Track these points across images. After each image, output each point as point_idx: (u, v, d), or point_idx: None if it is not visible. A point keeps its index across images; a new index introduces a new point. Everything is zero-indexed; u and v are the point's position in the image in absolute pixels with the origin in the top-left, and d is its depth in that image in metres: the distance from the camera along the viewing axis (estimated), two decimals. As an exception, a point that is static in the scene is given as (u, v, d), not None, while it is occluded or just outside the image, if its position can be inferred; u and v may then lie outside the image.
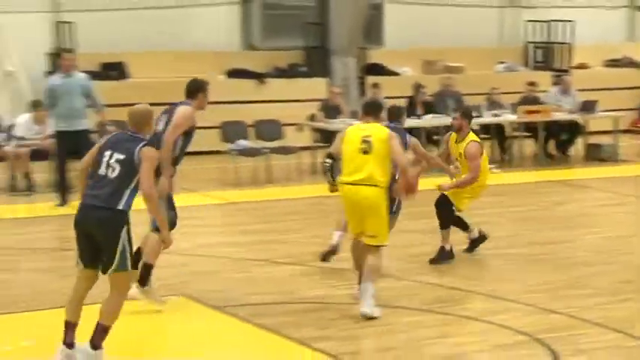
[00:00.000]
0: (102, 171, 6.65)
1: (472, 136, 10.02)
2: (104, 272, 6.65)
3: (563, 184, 15.22)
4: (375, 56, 19.53)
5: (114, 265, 6.57)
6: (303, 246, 10.64)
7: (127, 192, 6.62)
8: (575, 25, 20.16)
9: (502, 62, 20.41)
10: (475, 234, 10.36)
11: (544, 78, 19.25)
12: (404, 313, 8.55)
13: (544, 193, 14.55)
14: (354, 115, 16.26)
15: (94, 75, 14.88)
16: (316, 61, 18.76)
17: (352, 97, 18.06)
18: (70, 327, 6.66)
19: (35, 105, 14.50)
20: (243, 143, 14.83)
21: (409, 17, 19.85)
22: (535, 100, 17.15)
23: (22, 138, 14.23)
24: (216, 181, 14.71)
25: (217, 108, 17.05)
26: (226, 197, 13.77)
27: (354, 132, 8.22)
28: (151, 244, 8.11)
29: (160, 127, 8.11)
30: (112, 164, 6.62)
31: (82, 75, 13.25)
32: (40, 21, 17.39)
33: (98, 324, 6.62)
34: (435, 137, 16.34)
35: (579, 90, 17.87)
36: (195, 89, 8.35)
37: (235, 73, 18.31)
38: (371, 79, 18.01)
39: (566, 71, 19.48)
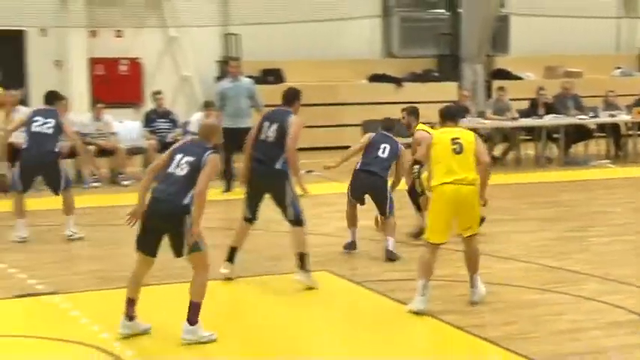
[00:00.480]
0: (172, 169, 6.61)
1: (420, 126, 9.70)
2: (178, 256, 6.57)
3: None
4: (501, 63, 19.17)
5: (186, 248, 6.50)
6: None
7: (192, 190, 6.53)
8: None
9: (619, 68, 19.67)
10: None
11: (658, 82, 18.47)
12: (525, 292, 8.34)
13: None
14: (480, 115, 16.04)
15: (255, 80, 15.07)
16: (448, 68, 18.58)
17: (479, 99, 17.80)
18: (130, 303, 6.63)
19: (206, 105, 14.81)
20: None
21: (533, 27, 19.41)
22: (649, 102, 16.46)
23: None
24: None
25: (360, 108, 17.18)
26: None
27: (441, 136, 7.67)
28: (297, 236, 8.24)
29: (270, 134, 8.17)
30: (181, 164, 6.58)
31: (248, 80, 13.44)
32: (211, 33, 17.75)
33: (190, 302, 6.55)
34: (555, 135, 15.93)
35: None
36: (294, 97, 8.38)
37: (376, 78, 18.29)
38: (497, 84, 17.66)
39: (678, 76, 18.64)
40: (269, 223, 9.34)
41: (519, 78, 18.87)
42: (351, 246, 9.62)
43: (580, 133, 16.04)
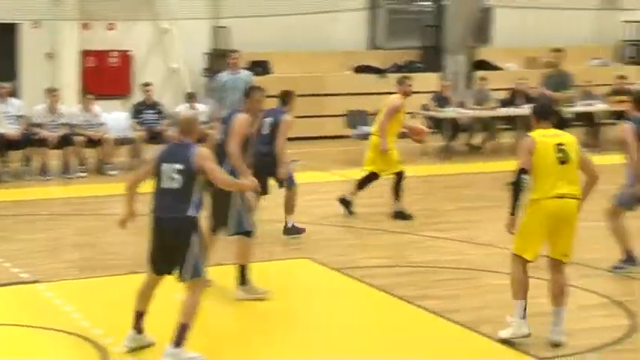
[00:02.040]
0: (165, 184, 5.98)
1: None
2: (182, 280, 6.01)
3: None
4: (483, 54, 19.11)
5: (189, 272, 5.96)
6: (414, 217, 10.48)
7: (192, 199, 5.98)
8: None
9: (596, 58, 19.65)
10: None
11: (635, 72, 18.44)
12: (497, 277, 8.33)
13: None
14: (461, 105, 16.06)
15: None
16: (431, 59, 18.52)
17: (460, 89, 17.79)
18: (139, 316, 6.19)
19: (190, 97, 14.72)
20: (364, 129, 14.71)
21: (515, 19, 19.36)
22: (624, 92, 16.41)
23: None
24: (341, 161, 14.63)
25: (345, 99, 17.14)
26: (349, 175, 13.69)
27: (545, 142, 6.48)
28: (240, 248, 7.41)
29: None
30: (173, 176, 5.95)
31: (247, 72, 13.34)
32: (201, 26, 17.65)
33: (179, 323, 5.95)
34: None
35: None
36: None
37: (361, 69, 18.24)
38: (479, 74, 17.64)
39: (655, 66, 18.64)
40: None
41: (500, 69, 18.84)
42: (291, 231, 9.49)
43: (557, 123, 15.98)
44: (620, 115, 16.20)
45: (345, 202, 10.53)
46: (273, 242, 8.69)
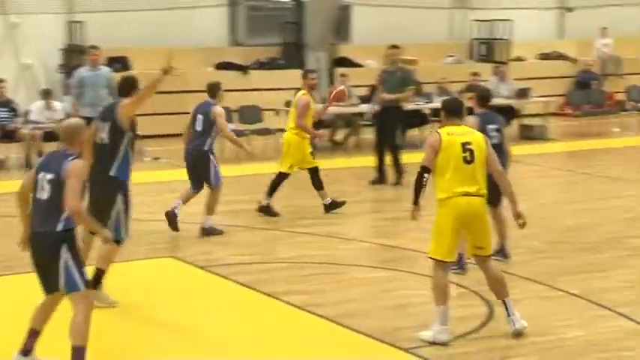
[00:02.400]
0: (37, 193, 5.65)
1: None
2: (50, 292, 5.68)
3: (501, 159, 15.18)
4: (344, 51, 19.40)
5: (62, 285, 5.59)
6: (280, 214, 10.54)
7: (63, 213, 5.57)
8: (513, 24, 20.06)
9: (451, 56, 20.31)
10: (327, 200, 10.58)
11: (486, 69, 19.15)
12: (363, 271, 8.51)
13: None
14: (323, 101, 16.21)
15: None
16: (292, 55, 18.62)
17: (322, 85, 17.97)
18: (32, 334, 5.75)
19: (45, 93, 14.27)
20: (229, 125, 14.62)
21: (373, 17, 19.73)
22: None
23: (36, 122, 14.01)
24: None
25: (206, 96, 17.01)
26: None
27: (451, 140, 6.49)
28: (106, 253, 7.06)
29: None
30: (44, 186, 5.60)
31: (107, 68, 13.01)
32: (55, 20, 17.11)
33: (72, 347, 5.57)
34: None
35: (516, 79, 17.84)
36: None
37: (222, 66, 18.15)
38: (339, 71, 17.90)
39: (505, 63, 19.37)
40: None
41: (360, 65, 19.16)
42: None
43: (416, 119, 16.44)
44: (472, 110, 16.83)
45: (265, 209, 10.48)
46: (136, 241, 8.52)
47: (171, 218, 9.53)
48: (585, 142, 16.29)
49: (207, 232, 9.51)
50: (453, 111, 6.69)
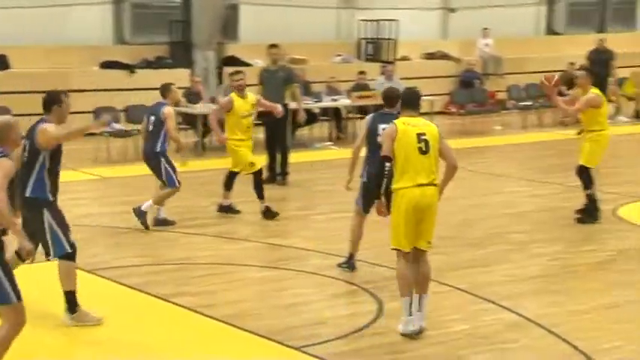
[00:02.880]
0: None
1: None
2: None
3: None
4: (232, 50, 19.32)
5: None
6: (167, 215, 10.41)
7: None
8: (399, 24, 20.41)
9: (339, 55, 20.52)
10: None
11: (373, 68, 19.45)
12: (254, 270, 8.51)
13: (374, 165, 14.67)
14: (212, 101, 16.12)
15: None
16: (180, 54, 18.43)
17: (211, 85, 17.89)
18: None
19: None
20: (115, 126, 14.41)
21: (261, 16, 19.74)
22: (366, 87, 17.32)
23: None
24: (91, 159, 14.24)
25: (92, 95, 16.66)
26: (100, 173, 13.40)
27: (406, 130, 6.56)
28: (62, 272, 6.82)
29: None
30: None
31: None
32: None
33: None
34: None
35: (402, 78, 18.10)
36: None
37: (107, 65, 17.78)
38: (228, 70, 17.80)
39: (392, 63, 19.72)
40: None
41: (249, 64, 19.12)
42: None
43: (306, 117, 16.52)
44: (363, 110, 17.10)
45: (225, 208, 10.47)
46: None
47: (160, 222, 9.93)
48: (469, 140, 16.72)
49: (160, 222, 9.90)
50: (409, 102, 6.78)
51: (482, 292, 7.81)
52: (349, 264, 8.36)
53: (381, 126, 7.65)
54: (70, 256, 6.76)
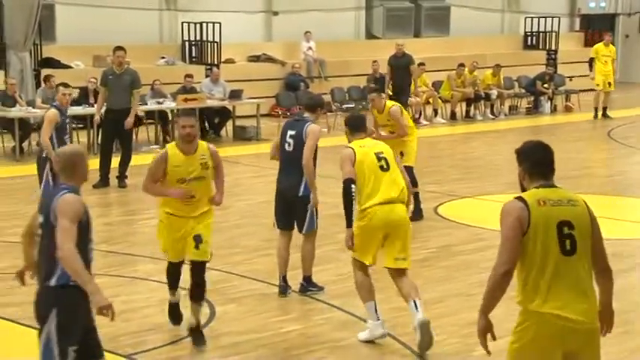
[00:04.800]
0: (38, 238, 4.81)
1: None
2: None
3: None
4: (49, 51, 18.69)
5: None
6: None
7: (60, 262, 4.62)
8: (222, 26, 20.42)
9: (163, 57, 20.29)
10: None
11: (199, 71, 19.40)
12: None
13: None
14: (30, 104, 15.57)
15: None
16: (-7, 56, 17.67)
17: (28, 88, 17.26)
18: None
19: None
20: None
21: (80, 17, 19.22)
22: (192, 90, 17.24)
23: None
24: None
25: None
26: None
27: (365, 152, 6.74)
28: None
29: None
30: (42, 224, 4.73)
31: None
32: None
33: None
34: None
35: (228, 81, 18.21)
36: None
37: None
38: (45, 72, 17.22)
39: (216, 65, 19.72)
40: None
41: (68, 67, 18.59)
42: None
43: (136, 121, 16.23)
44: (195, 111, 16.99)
45: None
46: None
47: None
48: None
49: None
50: (356, 127, 6.99)
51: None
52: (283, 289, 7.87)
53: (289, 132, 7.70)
54: None
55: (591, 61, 20.98)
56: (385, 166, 6.72)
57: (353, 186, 6.65)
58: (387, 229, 6.66)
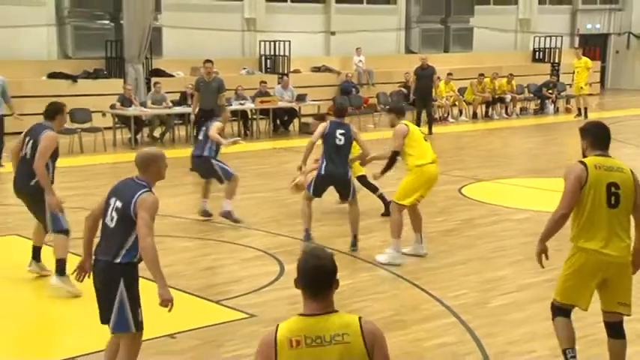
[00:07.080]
0: (106, 220, 4.46)
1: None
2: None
3: (287, 150, 15.46)
4: (157, 63, 18.93)
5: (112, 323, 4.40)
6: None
7: (128, 244, 4.41)
8: (291, 44, 20.42)
9: (244, 68, 20.38)
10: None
11: (272, 79, 19.44)
12: (181, 240, 8.38)
13: (276, 156, 14.73)
14: (143, 105, 15.81)
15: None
16: (115, 67, 17.96)
17: (141, 92, 17.50)
18: None
19: None
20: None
21: (181, 37, 19.44)
22: (267, 94, 17.27)
23: None
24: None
25: (41, 100, 15.95)
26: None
27: (414, 127, 7.59)
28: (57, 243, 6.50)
29: (26, 151, 6.51)
30: (112, 213, 4.44)
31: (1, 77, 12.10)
32: None
33: None
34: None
35: (295, 87, 18.20)
36: (54, 112, 6.55)
37: (54, 75, 17.14)
38: (154, 80, 17.46)
39: (286, 74, 19.71)
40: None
41: (172, 76, 18.80)
42: None
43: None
44: (264, 112, 17.09)
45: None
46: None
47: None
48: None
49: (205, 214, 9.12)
50: (400, 112, 7.70)
51: (362, 254, 7.92)
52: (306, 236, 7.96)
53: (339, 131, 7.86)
54: (66, 233, 6.56)
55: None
56: (425, 138, 7.54)
57: (398, 157, 7.44)
58: (430, 182, 7.53)
